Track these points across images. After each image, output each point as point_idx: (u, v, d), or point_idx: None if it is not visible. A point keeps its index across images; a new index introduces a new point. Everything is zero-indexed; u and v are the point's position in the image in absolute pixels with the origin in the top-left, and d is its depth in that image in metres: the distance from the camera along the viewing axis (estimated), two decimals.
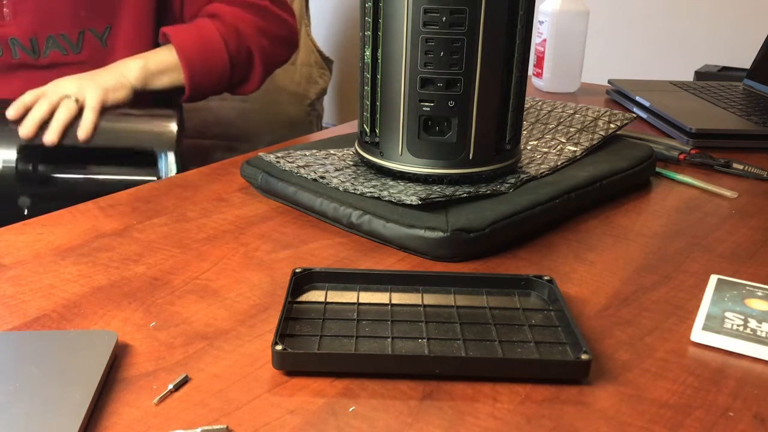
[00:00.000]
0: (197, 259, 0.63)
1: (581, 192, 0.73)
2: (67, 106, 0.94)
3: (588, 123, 0.91)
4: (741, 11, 2.08)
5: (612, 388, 0.47)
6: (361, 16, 0.71)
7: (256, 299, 0.57)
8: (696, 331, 0.53)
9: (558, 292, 0.55)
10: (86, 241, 0.66)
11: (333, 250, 0.65)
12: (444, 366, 0.47)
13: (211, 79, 1.10)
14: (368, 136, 0.74)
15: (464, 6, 0.64)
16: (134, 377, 0.47)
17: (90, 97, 0.96)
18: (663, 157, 0.92)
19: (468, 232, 0.63)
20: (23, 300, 0.56)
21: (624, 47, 2.26)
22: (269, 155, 0.78)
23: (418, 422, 0.43)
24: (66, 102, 0.95)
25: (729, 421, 0.44)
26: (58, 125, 0.93)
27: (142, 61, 1.05)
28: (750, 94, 1.24)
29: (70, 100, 0.95)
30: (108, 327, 0.52)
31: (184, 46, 1.07)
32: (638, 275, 0.62)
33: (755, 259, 0.66)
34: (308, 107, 1.93)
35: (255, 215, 0.73)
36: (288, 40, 1.20)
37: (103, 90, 0.98)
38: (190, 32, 1.09)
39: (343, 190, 0.70)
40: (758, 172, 0.87)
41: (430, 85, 0.67)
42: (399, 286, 0.57)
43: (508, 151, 0.73)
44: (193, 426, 0.43)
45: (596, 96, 1.33)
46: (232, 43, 1.10)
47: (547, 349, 0.50)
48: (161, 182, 0.82)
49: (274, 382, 0.47)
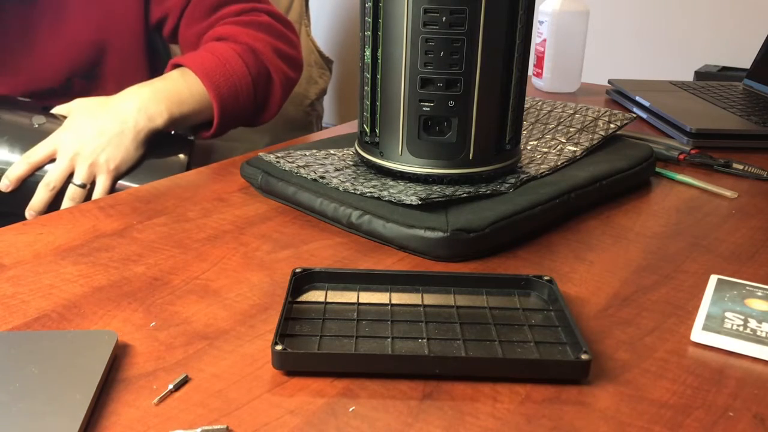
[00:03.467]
0: (197, 259, 0.63)
1: (581, 192, 0.73)
2: (73, 198, 0.87)
3: (588, 123, 0.91)
4: (741, 11, 2.08)
5: (612, 388, 0.47)
6: (361, 16, 0.71)
7: (256, 299, 0.57)
8: (696, 331, 0.53)
9: (558, 292, 0.55)
10: (86, 241, 0.66)
11: (333, 250, 0.65)
12: (444, 366, 0.47)
13: (238, 105, 0.99)
14: (368, 136, 0.74)
15: (464, 6, 0.64)
16: (134, 377, 0.47)
17: (100, 183, 0.87)
18: (663, 157, 0.92)
19: (468, 232, 0.63)
20: (23, 300, 0.56)
21: (624, 47, 2.26)
22: (269, 155, 0.78)
23: (418, 422, 0.43)
24: (73, 193, 0.87)
25: (729, 421, 0.44)
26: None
27: (166, 110, 0.92)
28: (750, 94, 1.24)
29: (76, 189, 0.86)
30: (108, 327, 0.52)
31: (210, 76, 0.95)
32: (638, 275, 0.62)
33: (755, 259, 0.66)
34: (308, 107, 1.93)
35: (255, 215, 0.73)
36: (297, 61, 1.10)
37: (115, 170, 0.88)
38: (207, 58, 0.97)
39: (343, 190, 0.70)
40: (758, 172, 0.87)
41: (430, 85, 0.67)
42: (399, 286, 0.57)
43: (508, 151, 0.73)
44: (193, 426, 0.43)
45: (596, 96, 1.33)
46: (252, 63, 0.99)
47: (547, 349, 0.50)
48: (161, 182, 0.82)
49: (274, 382, 0.47)
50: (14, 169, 0.86)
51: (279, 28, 1.07)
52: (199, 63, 0.96)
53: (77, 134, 0.88)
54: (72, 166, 0.87)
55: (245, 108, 1.01)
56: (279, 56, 1.05)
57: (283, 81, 1.06)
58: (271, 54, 1.03)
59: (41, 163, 0.87)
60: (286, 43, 1.07)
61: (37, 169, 0.87)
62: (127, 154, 0.89)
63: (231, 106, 0.98)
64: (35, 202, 0.86)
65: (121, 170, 0.89)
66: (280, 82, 1.05)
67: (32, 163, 0.87)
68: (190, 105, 0.95)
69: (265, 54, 1.02)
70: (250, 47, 1.01)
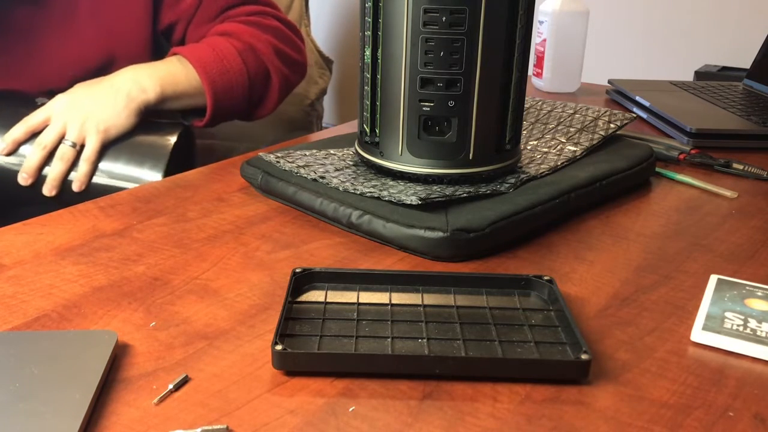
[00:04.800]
0: (197, 259, 0.63)
1: (581, 192, 0.73)
2: (63, 158, 0.90)
3: (588, 123, 0.91)
4: (741, 11, 2.08)
5: (612, 388, 0.47)
6: (361, 16, 0.71)
7: (256, 299, 0.57)
8: (696, 331, 0.53)
9: (558, 292, 0.55)
10: (86, 241, 0.66)
11: (333, 250, 0.65)
12: (444, 366, 0.47)
13: (233, 102, 1.03)
14: (368, 136, 0.74)
15: (464, 6, 0.64)
16: (134, 377, 0.47)
17: (89, 144, 0.91)
18: (663, 157, 0.92)
19: (468, 232, 0.63)
20: (23, 300, 0.56)
21: (624, 47, 2.26)
22: (269, 155, 0.78)
23: (418, 422, 0.43)
24: (63, 151, 0.90)
25: (729, 421, 0.44)
26: (55, 180, 0.89)
27: (158, 84, 0.96)
28: (750, 94, 1.24)
29: (66, 146, 0.90)
30: (108, 327, 0.53)
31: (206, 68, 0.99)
32: (638, 275, 0.62)
33: (755, 259, 0.66)
34: (308, 107, 1.93)
35: (255, 215, 0.73)
36: (301, 66, 1.13)
37: (104, 132, 0.91)
38: (206, 51, 1.00)
39: (343, 190, 0.70)
40: (758, 172, 0.87)
41: (430, 85, 0.67)
42: (399, 286, 0.57)
43: (508, 151, 0.73)
44: (193, 426, 0.43)
45: (596, 96, 1.33)
46: (251, 62, 1.03)
47: (547, 349, 0.50)
48: (161, 182, 0.82)
49: (274, 382, 0.47)
50: (12, 132, 0.91)
51: (285, 32, 1.10)
52: (197, 55, 1.00)
53: (71, 99, 0.93)
54: (64, 128, 0.91)
55: (239, 103, 1.04)
56: (281, 58, 1.08)
57: (282, 82, 1.08)
58: (272, 54, 1.06)
59: (38, 127, 0.91)
60: (291, 47, 1.10)
61: (34, 134, 0.91)
62: (118, 119, 0.93)
63: (225, 99, 1.01)
64: (28, 163, 0.90)
65: (111, 134, 0.93)
66: (279, 83, 1.08)
67: (29, 126, 0.91)
68: (184, 87, 0.99)
69: (265, 54, 1.05)
70: (250, 46, 1.03)
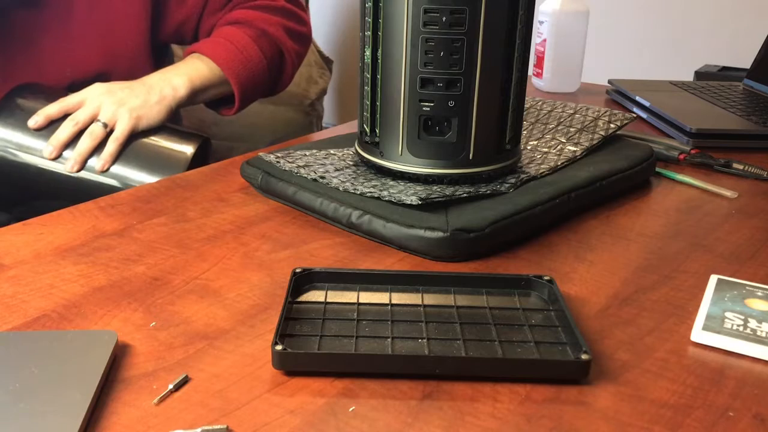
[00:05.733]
0: (197, 259, 0.63)
1: (581, 192, 0.73)
2: (92, 134, 0.91)
3: (588, 123, 0.91)
4: (741, 11, 2.08)
5: (612, 388, 0.47)
6: (361, 16, 0.71)
7: (256, 299, 0.57)
8: (696, 331, 0.53)
9: (558, 292, 0.55)
10: (86, 241, 0.66)
11: (333, 250, 0.65)
12: (444, 366, 0.47)
13: (256, 87, 1.08)
14: (368, 136, 0.74)
15: (464, 6, 0.64)
16: (134, 377, 0.47)
17: (120, 126, 0.93)
18: (663, 157, 0.92)
19: (468, 232, 0.63)
20: (23, 300, 0.56)
21: (624, 47, 2.26)
22: (269, 155, 0.78)
23: (418, 422, 0.43)
24: (93, 128, 0.92)
25: (729, 421, 0.44)
26: (80, 156, 0.91)
27: (188, 80, 1.01)
28: (750, 94, 1.24)
29: (98, 125, 0.92)
30: (108, 327, 0.53)
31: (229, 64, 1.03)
32: (638, 275, 0.62)
33: (755, 259, 0.66)
34: (308, 107, 1.93)
35: (255, 215, 0.73)
36: (306, 36, 1.19)
37: (136, 119, 0.94)
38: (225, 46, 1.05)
39: (343, 190, 0.70)
40: (758, 172, 0.87)
41: (430, 85, 0.67)
42: (399, 286, 0.57)
43: (508, 151, 0.73)
44: (193, 426, 0.43)
45: (596, 96, 1.33)
46: (266, 47, 1.08)
47: (547, 349, 0.50)
48: (161, 182, 0.82)
49: (274, 382, 0.47)
50: (47, 109, 0.93)
51: (291, 9, 1.15)
52: (218, 52, 1.04)
53: (108, 87, 0.97)
54: (98, 110, 0.94)
55: (261, 87, 1.11)
56: (291, 36, 1.13)
57: (294, 57, 1.15)
58: (283, 36, 1.11)
59: (72, 108, 0.94)
60: (297, 21, 1.16)
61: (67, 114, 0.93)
62: (150, 111, 0.96)
63: (249, 88, 1.08)
64: (56, 136, 0.92)
65: (142, 123, 0.95)
66: (291, 59, 1.14)
67: (64, 105, 0.94)
68: (210, 79, 1.04)
69: (278, 36, 1.10)
70: (263, 31, 1.08)
